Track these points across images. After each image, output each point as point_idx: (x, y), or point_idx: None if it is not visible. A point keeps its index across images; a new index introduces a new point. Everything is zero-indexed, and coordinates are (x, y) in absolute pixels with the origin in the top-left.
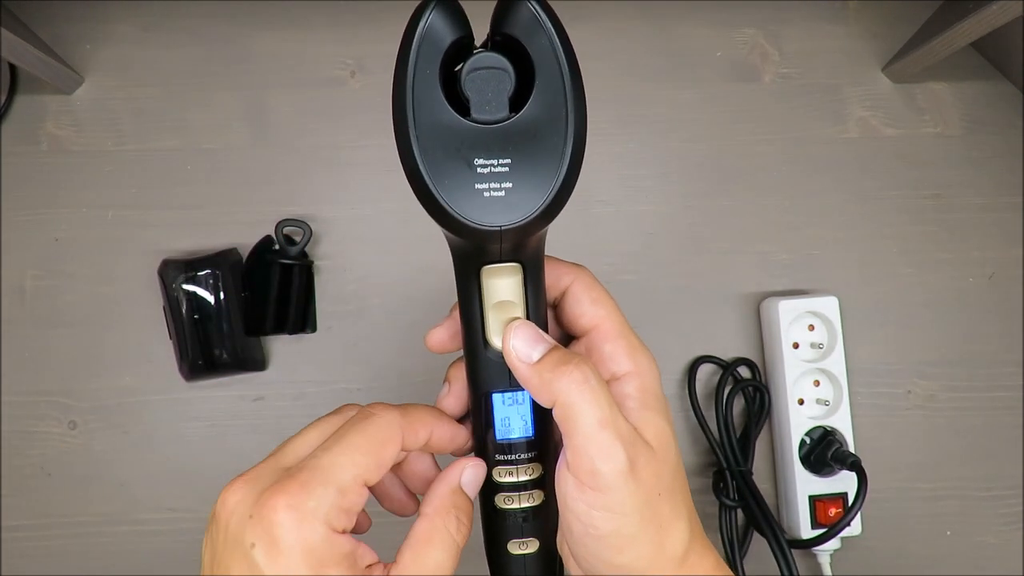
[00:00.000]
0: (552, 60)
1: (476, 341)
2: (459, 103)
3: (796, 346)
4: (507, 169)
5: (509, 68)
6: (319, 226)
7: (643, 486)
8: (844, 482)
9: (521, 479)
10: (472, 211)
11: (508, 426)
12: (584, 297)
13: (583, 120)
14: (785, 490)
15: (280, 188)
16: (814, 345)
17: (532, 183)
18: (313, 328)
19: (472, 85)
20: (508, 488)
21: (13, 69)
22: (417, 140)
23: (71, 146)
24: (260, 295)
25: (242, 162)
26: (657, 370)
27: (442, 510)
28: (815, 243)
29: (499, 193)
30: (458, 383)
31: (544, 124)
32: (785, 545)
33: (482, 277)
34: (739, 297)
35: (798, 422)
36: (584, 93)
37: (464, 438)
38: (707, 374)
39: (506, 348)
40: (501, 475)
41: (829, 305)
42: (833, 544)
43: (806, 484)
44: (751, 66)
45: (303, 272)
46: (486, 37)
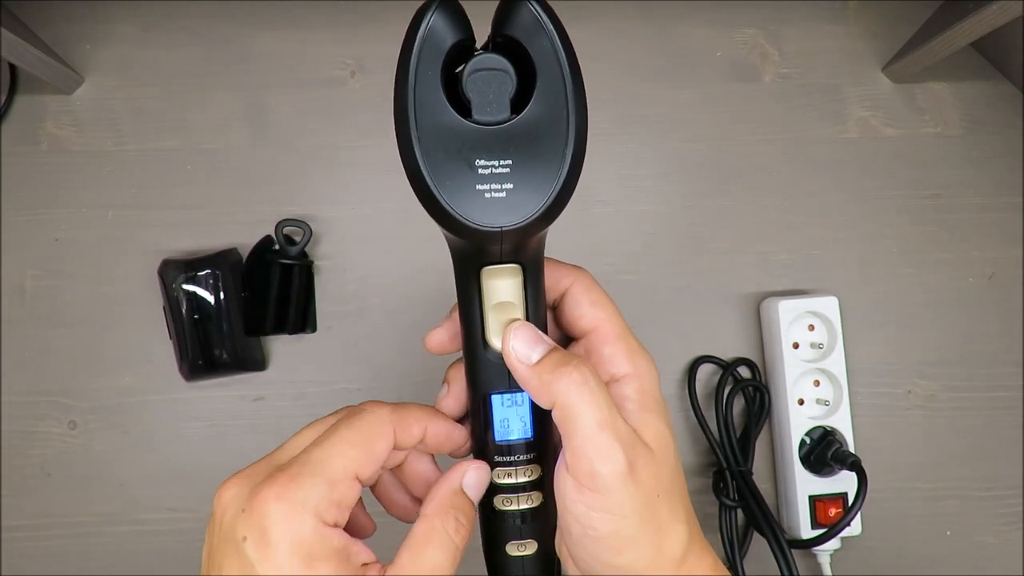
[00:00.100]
0: (553, 62)
1: (475, 342)
2: (460, 104)
3: (796, 346)
4: (508, 170)
5: (510, 69)
6: (319, 226)
7: (642, 488)
8: (844, 482)
9: (520, 480)
10: (473, 212)
11: (507, 427)
12: (584, 299)
13: (584, 122)
14: (785, 490)
15: (280, 188)
16: (814, 345)
17: (533, 184)
18: (313, 328)
19: (473, 86)
20: (507, 489)
21: (13, 69)
22: (418, 141)
23: (71, 146)
24: (260, 295)
25: (242, 162)
26: (656, 372)
27: (441, 511)
28: (815, 243)
29: (500, 194)
30: (457, 384)
31: (545, 125)
32: (785, 545)
33: (482, 278)
34: (739, 297)
35: (798, 422)
36: (585, 95)
37: (462, 437)
38: (707, 374)
39: (505, 349)
40: (500, 476)
41: (829, 305)
42: (833, 544)
43: (806, 484)
44: (751, 66)
45: (303, 272)
46: (487, 39)
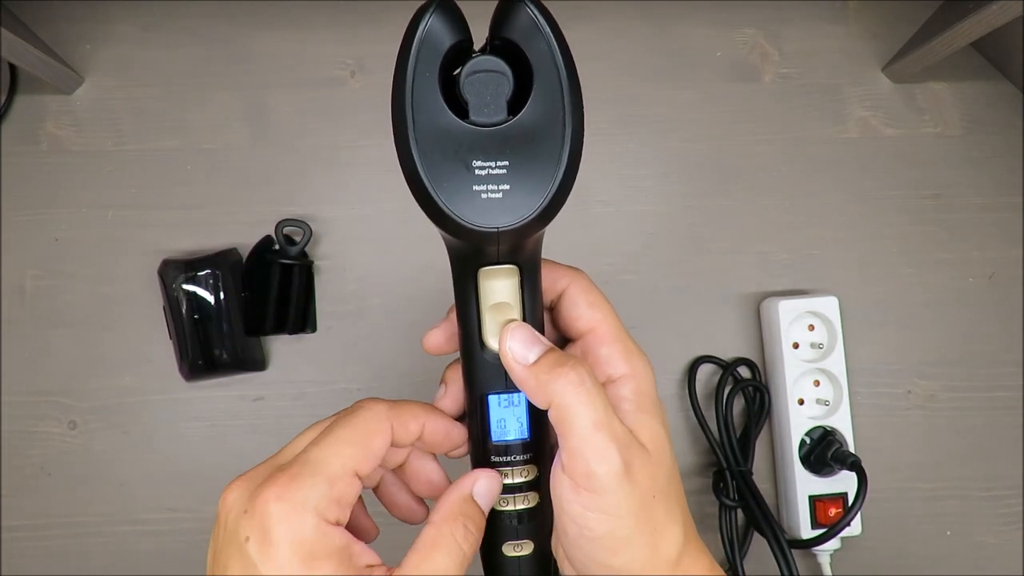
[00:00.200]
0: (550, 64)
1: (473, 343)
2: (458, 106)
3: (796, 346)
4: (505, 171)
5: (507, 71)
6: (319, 226)
7: (638, 488)
8: (844, 482)
9: (516, 481)
10: (470, 213)
11: (504, 428)
12: (581, 300)
13: (580, 123)
14: (785, 490)
15: (280, 188)
16: (814, 345)
17: (529, 185)
18: (313, 328)
19: (471, 88)
20: (503, 490)
21: (13, 69)
22: (416, 142)
23: (71, 146)
24: (260, 295)
25: (242, 162)
26: (653, 374)
27: (450, 517)
28: (815, 243)
29: (496, 195)
30: (454, 384)
31: (542, 127)
32: (785, 545)
33: (479, 279)
34: (739, 297)
35: (798, 422)
36: (581, 97)
37: (460, 436)
38: (707, 374)
39: (502, 350)
40: None
41: (829, 305)
42: (833, 544)
43: (806, 484)
44: (751, 66)
45: (303, 272)
46: (485, 41)
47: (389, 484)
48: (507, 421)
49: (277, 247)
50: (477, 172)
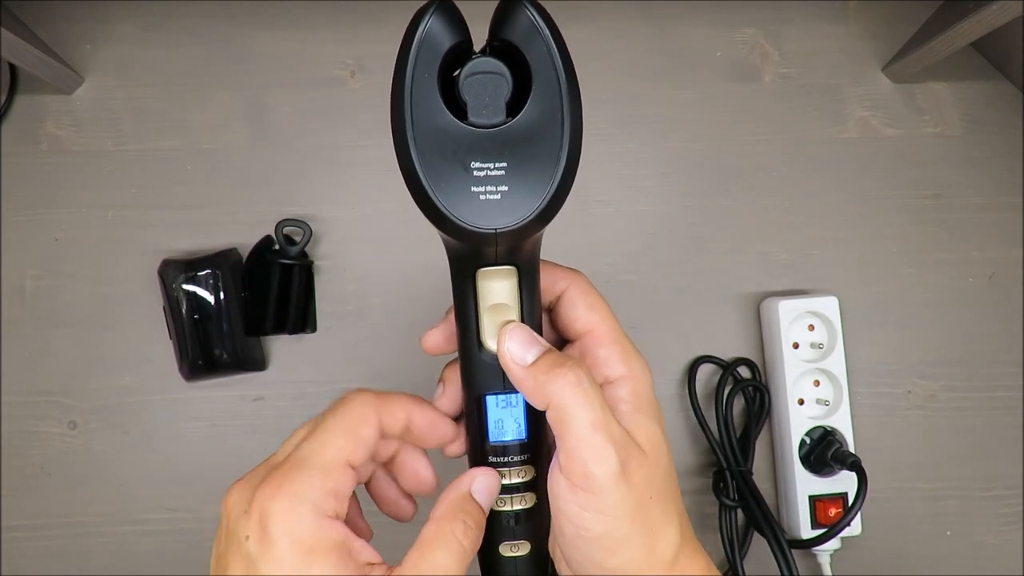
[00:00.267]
0: (549, 66)
1: (471, 343)
2: (457, 107)
3: (796, 346)
4: (503, 173)
5: (506, 73)
6: (319, 226)
7: (635, 489)
8: (844, 482)
9: (514, 481)
10: (468, 214)
11: (501, 428)
12: (579, 302)
13: (579, 125)
14: (785, 490)
15: (280, 188)
16: (814, 345)
17: (528, 187)
18: (313, 328)
19: (470, 89)
20: (500, 490)
21: (13, 69)
22: (414, 143)
23: (71, 146)
24: (260, 295)
25: (242, 162)
26: (650, 375)
27: (449, 514)
28: (815, 243)
29: (495, 196)
30: (452, 384)
31: (540, 129)
32: (785, 545)
33: (477, 280)
34: (739, 297)
35: (798, 422)
36: (580, 99)
37: (448, 429)
38: (707, 374)
39: (501, 350)
40: None
41: (829, 305)
42: (833, 544)
43: (806, 484)
44: (751, 66)
45: (303, 272)
46: (485, 42)
47: (380, 479)
48: (505, 422)
49: (277, 247)
50: (475, 173)
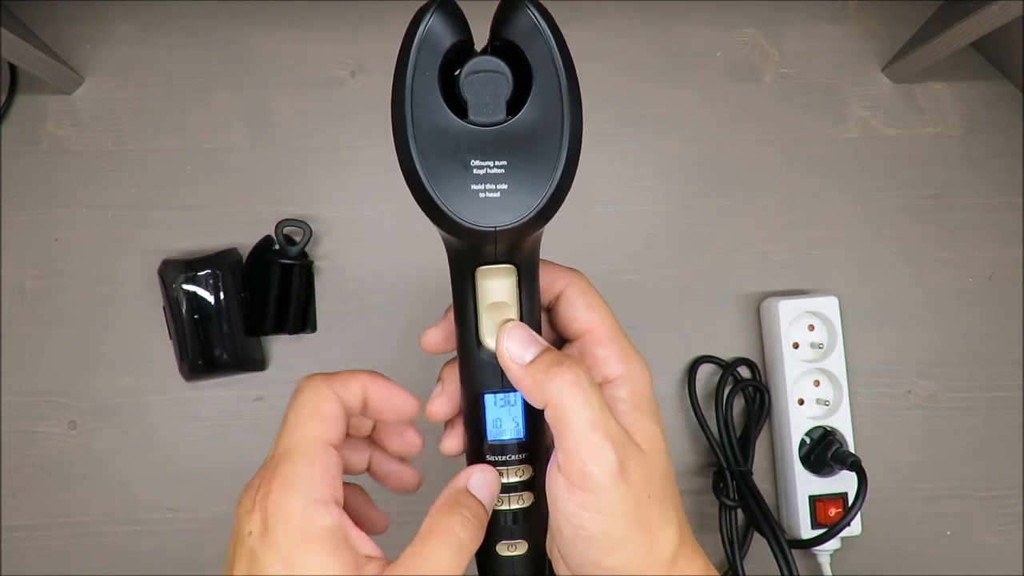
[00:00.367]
0: (549, 65)
1: (470, 342)
2: (457, 105)
3: (796, 346)
4: (503, 171)
5: (507, 72)
6: (319, 226)
7: (633, 489)
8: (844, 482)
9: (512, 480)
10: (467, 212)
11: (500, 427)
12: (579, 301)
13: (579, 124)
14: (785, 490)
15: (280, 188)
16: (814, 345)
17: (527, 185)
18: (313, 328)
19: (470, 88)
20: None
21: (13, 69)
22: (415, 141)
23: (71, 146)
24: (260, 295)
25: (242, 162)
26: (649, 375)
27: (446, 507)
28: (815, 243)
29: (494, 194)
30: (451, 383)
31: (540, 127)
32: (785, 545)
33: (476, 278)
34: (739, 297)
35: (798, 422)
36: (580, 98)
37: (406, 401)
38: (707, 374)
39: (499, 349)
40: None
41: (829, 305)
42: (833, 544)
43: (806, 484)
44: (751, 66)
45: (303, 272)
46: (486, 42)
47: (375, 458)
48: (503, 420)
49: (277, 247)
50: (475, 171)
